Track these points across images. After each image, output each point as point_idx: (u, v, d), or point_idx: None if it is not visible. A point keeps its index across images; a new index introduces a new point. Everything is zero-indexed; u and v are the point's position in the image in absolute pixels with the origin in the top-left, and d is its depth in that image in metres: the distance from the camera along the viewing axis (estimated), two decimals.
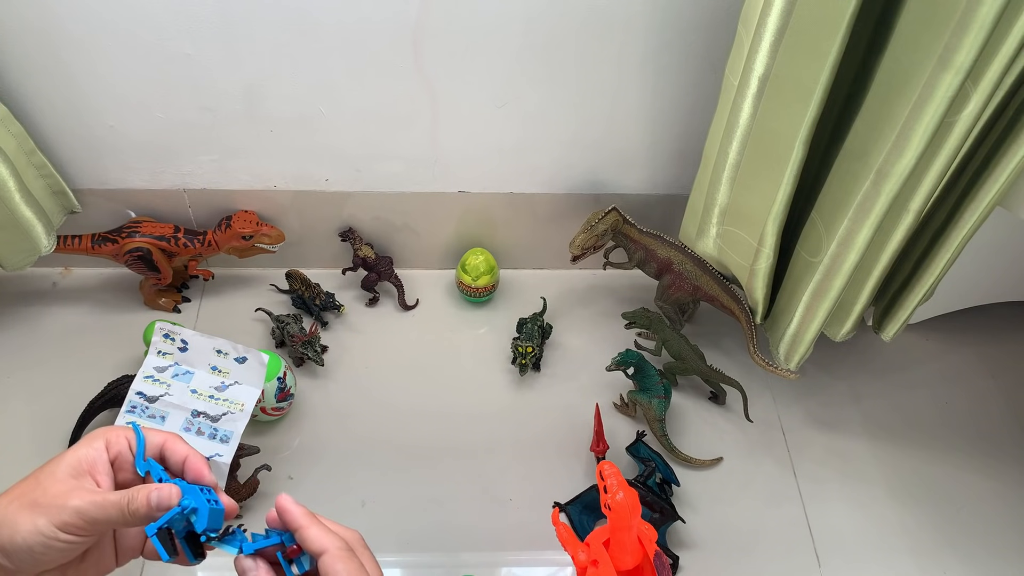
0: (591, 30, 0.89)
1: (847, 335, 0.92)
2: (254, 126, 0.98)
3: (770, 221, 0.85)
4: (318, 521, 0.47)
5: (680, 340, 1.01)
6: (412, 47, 0.90)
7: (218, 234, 1.05)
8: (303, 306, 1.10)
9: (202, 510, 0.45)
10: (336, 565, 0.44)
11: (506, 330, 1.10)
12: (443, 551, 0.90)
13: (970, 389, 1.08)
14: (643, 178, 1.07)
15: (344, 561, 0.44)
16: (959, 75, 0.62)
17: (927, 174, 0.70)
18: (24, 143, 0.94)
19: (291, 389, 0.96)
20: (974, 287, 1.08)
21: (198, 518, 0.45)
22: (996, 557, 0.92)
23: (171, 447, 0.49)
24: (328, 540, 0.45)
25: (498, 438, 1.00)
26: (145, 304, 1.10)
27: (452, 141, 1.01)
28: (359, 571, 0.44)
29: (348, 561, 0.44)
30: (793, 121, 0.76)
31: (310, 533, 0.46)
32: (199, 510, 0.45)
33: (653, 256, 1.03)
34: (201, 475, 0.48)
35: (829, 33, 0.68)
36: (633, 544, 0.75)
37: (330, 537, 0.45)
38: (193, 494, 0.46)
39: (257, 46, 0.89)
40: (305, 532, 0.46)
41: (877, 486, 0.98)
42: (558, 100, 0.97)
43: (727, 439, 1.01)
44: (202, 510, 0.45)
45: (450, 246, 1.14)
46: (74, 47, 0.89)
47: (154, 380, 0.88)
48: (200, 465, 0.48)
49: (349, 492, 0.94)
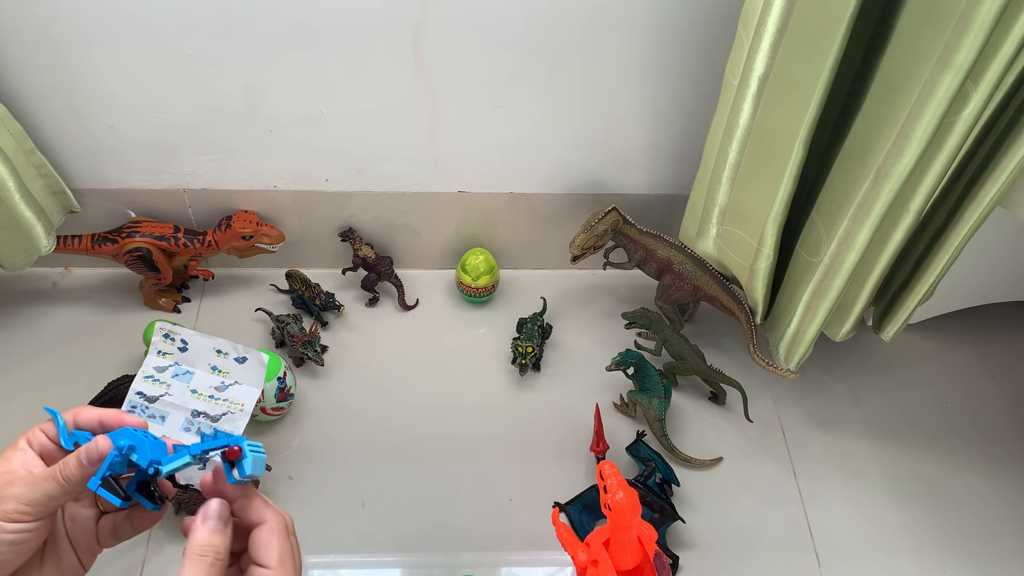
0: (591, 30, 0.89)
1: (847, 335, 0.92)
2: (254, 126, 0.98)
3: (770, 221, 0.85)
4: (262, 496, 0.46)
5: (680, 340, 1.01)
6: (412, 47, 0.90)
7: (218, 234, 1.05)
8: (303, 306, 1.10)
9: (140, 445, 0.44)
10: (271, 538, 0.43)
11: (506, 330, 1.10)
12: (443, 551, 0.90)
13: (970, 389, 1.08)
14: (643, 178, 1.07)
15: (279, 536, 0.44)
16: (959, 75, 0.62)
17: (927, 174, 0.70)
18: (23, 143, 0.94)
19: (291, 389, 0.96)
20: (974, 287, 1.08)
21: (139, 454, 0.44)
22: (996, 557, 0.92)
23: (83, 417, 0.48)
24: (270, 514, 0.45)
25: (498, 438, 1.00)
26: (145, 304, 1.10)
27: (452, 141, 1.01)
28: (290, 552, 0.44)
29: (283, 538, 0.44)
30: (793, 121, 0.76)
31: (252, 503, 0.45)
32: (136, 446, 0.44)
33: (653, 256, 1.03)
34: (123, 421, 0.47)
35: (829, 33, 0.68)
36: (633, 544, 0.75)
37: (272, 512, 0.45)
38: (124, 435, 0.45)
39: (257, 46, 0.89)
40: (247, 501, 0.45)
41: (877, 486, 0.98)
42: (558, 100, 0.97)
43: (727, 439, 1.01)
44: (140, 445, 0.44)
45: (450, 246, 1.14)
46: (74, 47, 0.89)
47: (154, 380, 0.88)
48: (118, 415, 0.47)
49: (349, 492, 0.94)
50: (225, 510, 0.44)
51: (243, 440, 0.44)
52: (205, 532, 0.43)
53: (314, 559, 0.89)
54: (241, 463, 0.44)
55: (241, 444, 0.44)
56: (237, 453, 0.44)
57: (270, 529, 0.44)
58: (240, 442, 0.44)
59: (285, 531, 0.44)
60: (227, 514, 0.44)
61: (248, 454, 0.44)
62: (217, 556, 0.42)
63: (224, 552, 0.43)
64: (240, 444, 0.44)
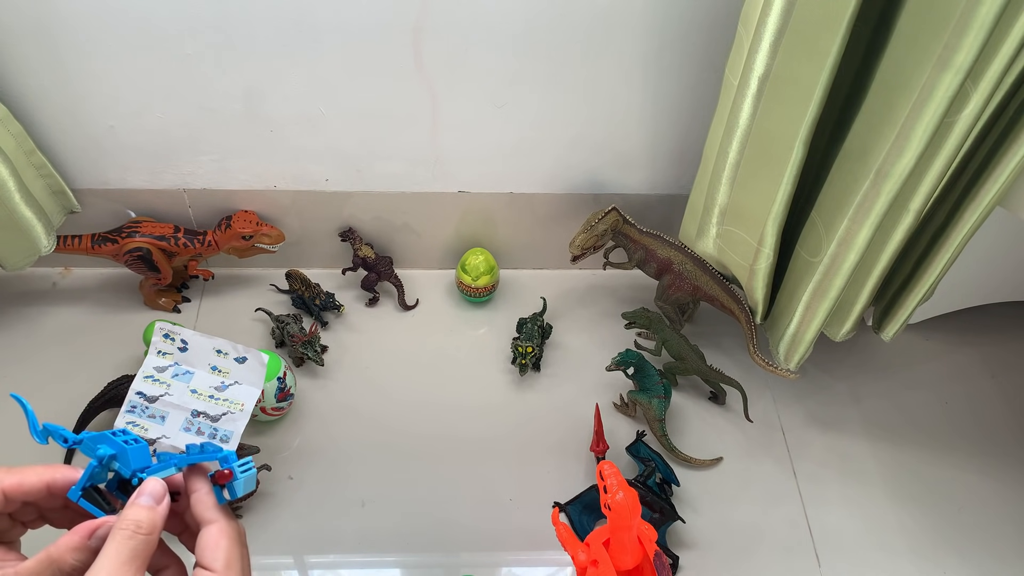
0: (591, 30, 0.89)
1: (847, 335, 0.92)
2: (254, 126, 0.98)
3: (770, 221, 0.85)
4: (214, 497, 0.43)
5: (680, 340, 1.01)
6: (412, 47, 0.90)
7: (218, 234, 1.05)
8: (303, 306, 1.10)
9: (122, 453, 0.41)
10: (221, 540, 0.40)
11: (506, 330, 1.10)
12: (443, 551, 0.90)
13: (970, 389, 1.08)
14: (643, 178, 1.07)
15: (229, 539, 0.41)
16: (959, 75, 0.62)
17: (927, 174, 0.70)
18: (24, 143, 0.94)
19: (291, 389, 0.96)
20: (974, 287, 1.08)
21: (121, 463, 0.41)
22: (996, 557, 0.92)
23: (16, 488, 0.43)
24: (222, 515, 0.42)
25: (498, 438, 1.00)
26: (145, 304, 1.10)
27: (452, 141, 1.01)
28: (238, 559, 0.41)
29: (233, 541, 0.41)
30: (793, 121, 0.76)
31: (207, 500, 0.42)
32: (118, 454, 0.41)
33: (653, 256, 1.03)
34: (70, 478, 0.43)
35: (829, 33, 0.68)
36: (633, 544, 0.75)
37: (226, 514, 0.42)
38: (106, 441, 0.42)
39: (257, 46, 0.89)
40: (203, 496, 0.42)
41: (877, 486, 0.98)
42: (558, 100, 0.97)
43: (727, 439, 1.01)
44: (122, 453, 0.41)
45: (450, 246, 1.14)
46: (74, 47, 0.89)
47: (154, 380, 0.88)
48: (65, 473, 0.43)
49: (349, 492, 0.94)
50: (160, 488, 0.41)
51: (232, 458, 0.42)
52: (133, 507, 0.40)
53: (314, 559, 0.89)
54: (232, 485, 0.42)
55: (231, 467, 0.42)
56: (228, 477, 0.42)
57: (220, 529, 0.41)
58: (230, 463, 0.42)
59: (236, 535, 0.41)
60: (161, 492, 0.41)
61: (239, 476, 0.42)
62: (138, 529, 0.39)
63: (148, 526, 0.40)
64: (231, 467, 0.42)
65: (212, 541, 0.40)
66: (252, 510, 0.91)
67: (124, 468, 0.41)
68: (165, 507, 0.41)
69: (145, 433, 0.85)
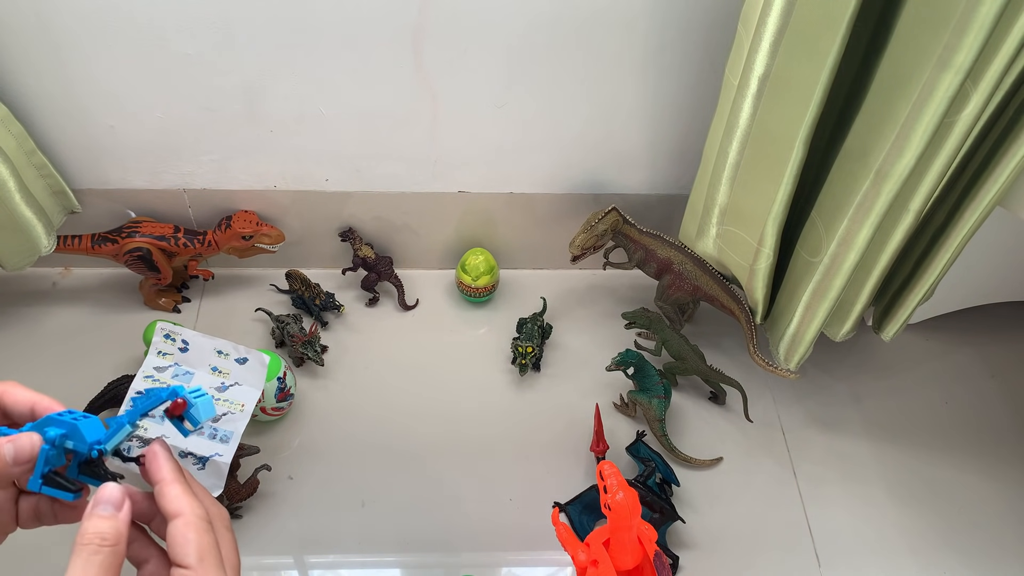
0: (591, 30, 0.89)
1: (847, 335, 0.92)
2: (254, 126, 0.98)
3: (770, 221, 0.85)
4: (185, 482, 0.41)
5: (680, 340, 1.01)
6: (412, 47, 0.90)
7: (218, 234, 1.05)
8: (303, 306, 1.10)
9: (72, 430, 0.39)
10: (188, 533, 0.39)
11: (506, 330, 1.10)
12: (443, 551, 0.90)
13: (970, 389, 1.08)
14: (643, 178, 1.07)
15: (197, 530, 0.39)
16: (959, 75, 0.62)
17: (927, 174, 0.70)
18: (24, 143, 0.94)
19: (291, 389, 0.96)
20: (974, 287, 1.08)
21: (74, 439, 0.39)
22: (996, 557, 0.92)
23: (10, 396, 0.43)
24: (187, 504, 0.40)
25: (498, 438, 1.00)
26: (145, 304, 1.10)
27: (452, 141, 1.01)
28: (212, 548, 0.39)
29: (202, 532, 0.39)
30: (793, 121, 0.76)
31: (170, 490, 0.40)
32: (69, 432, 0.39)
33: (653, 256, 1.03)
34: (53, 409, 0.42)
35: (829, 33, 0.68)
36: (633, 544, 0.75)
37: (190, 502, 0.40)
38: (54, 423, 0.40)
39: (257, 46, 0.89)
40: (165, 487, 0.40)
41: (877, 486, 0.98)
42: (558, 100, 0.97)
43: (727, 439, 1.01)
44: (72, 430, 0.39)
45: (450, 246, 1.14)
46: (74, 47, 0.89)
47: (154, 380, 0.88)
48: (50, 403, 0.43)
49: (349, 492, 0.94)
50: (117, 493, 0.39)
51: (180, 390, 0.40)
52: (92, 519, 0.39)
53: (314, 559, 0.89)
54: (190, 413, 0.40)
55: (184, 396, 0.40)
56: (182, 407, 0.40)
57: (185, 523, 0.39)
58: (179, 393, 0.40)
59: (204, 524, 0.40)
60: (119, 497, 0.39)
61: (194, 402, 0.40)
62: (103, 542, 0.38)
63: (113, 537, 0.38)
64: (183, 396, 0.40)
65: (180, 536, 0.39)
66: (252, 510, 0.91)
67: (80, 444, 0.40)
68: (127, 512, 0.39)
69: (144, 433, 0.85)
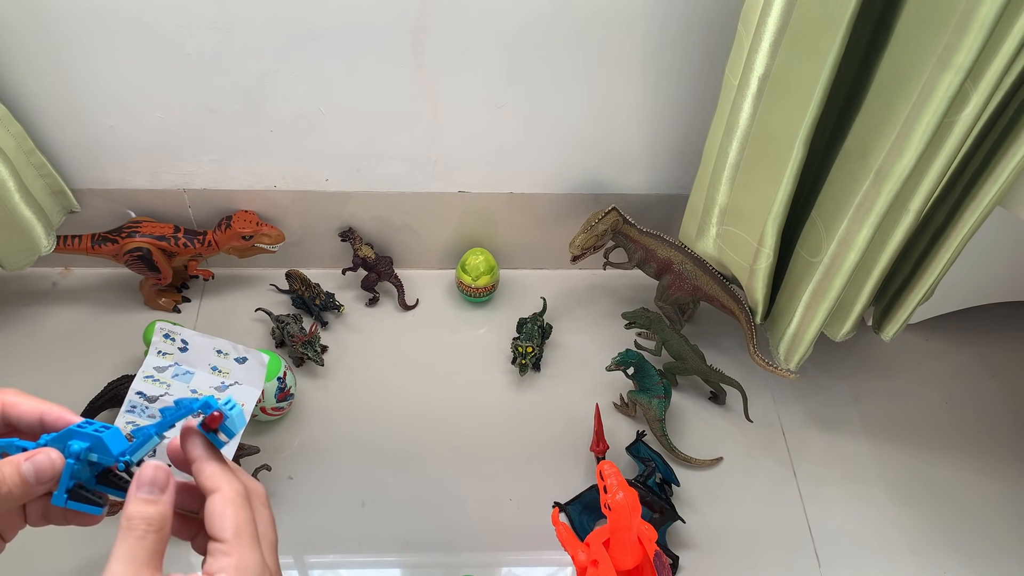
0: (591, 30, 0.89)
1: (847, 335, 0.92)
2: (254, 126, 0.98)
3: (770, 221, 0.85)
4: (222, 459, 0.41)
5: (680, 340, 1.01)
6: (412, 47, 0.90)
7: (218, 234, 1.05)
8: (303, 306, 1.10)
9: (97, 442, 0.38)
10: (226, 508, 0.38)
11: (506, 330, 1.10)
12: (443, 551, 0.90)
13: (970, 389, 1.08)
14: (643, 178, 1.07)
15: (234, 506, 0.39)
16: (959, 75, 0.62)
17: (927, 174, 0.70)
18: (23, 143, 0.94)
19: (291, 389, 0.96)
20: (974, 287, 1.08)
21: (100, 452, 0.38)
22: (996, 557, 0.92)
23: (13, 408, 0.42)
24: (225, 481, 0.39)
25: (498, 438, 1.00)
26: (145, 304, 1.10)
27: (452, 141, 1.01)
28: (248, 524, 0.39)
29: (239, 508, 0.39)
30: (793, 121, 0.76)
31: (208, 467, 0.40)
32: (93, 445, 0.38)
33: (653, 256, 1.03)
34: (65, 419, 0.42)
35: (829, 33, 0.68)
36: (633, 544, 0.75)
37: (228, 479, 0.40)
38: (76, 435, 0.39)
39: (257, 46, 0.89)
40: (203, 464, 0.40)
41: (877, 486, 0.98)
42: (558, 100, 0.97)
43: (727, 439, 1.01)
44: (97, 442, 0.38)
45: (450, 246, 1.14)
46: (74, 47, 0.89)
47: (154, 380, 0.88)
48: (60, 411, 0.42)
49: (349, 492, 0.94)
50: (161, 475, 0.39)
51: (212, 401, 0.39)
52: (135, 503, 0.38)
53: (314, 559, 0.89)
54: (225, 426, 0.40)
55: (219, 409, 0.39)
56: (219, 420, 0.39)
57: (223, 498, 0.39)
58: (213, 406, 0.39)
59: (242, 499, 0.39)
60: (163, 479, 0.39)
61: (228, 414, 0.39)
62: (149, 527, 0.38)
63: (158, 521, 0.38)
64: (216, 408, 0.39)
65: (217, 510, 0.39)
66: None
67: (105, 457, 0.39)
68: (171, 494, 0.39)
69: None
